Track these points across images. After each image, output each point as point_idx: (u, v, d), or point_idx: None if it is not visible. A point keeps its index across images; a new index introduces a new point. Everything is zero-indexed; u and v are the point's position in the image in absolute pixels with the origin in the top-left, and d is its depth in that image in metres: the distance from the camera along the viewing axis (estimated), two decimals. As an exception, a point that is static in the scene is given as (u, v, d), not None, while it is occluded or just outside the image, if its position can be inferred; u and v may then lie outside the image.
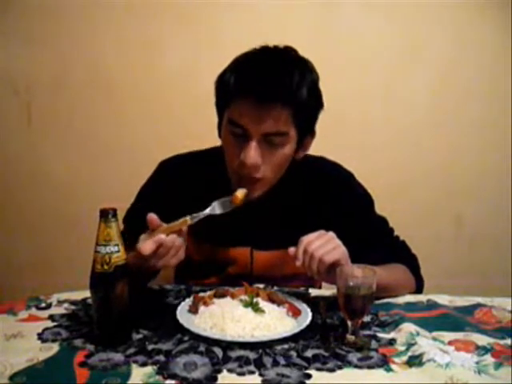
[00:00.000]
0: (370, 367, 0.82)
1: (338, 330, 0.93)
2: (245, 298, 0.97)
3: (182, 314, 0.95)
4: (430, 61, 1.85)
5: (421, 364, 0.82)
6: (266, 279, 1.14)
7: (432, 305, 1.07)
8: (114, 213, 0.85)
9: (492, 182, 1.91)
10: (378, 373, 0.80)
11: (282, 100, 0.99)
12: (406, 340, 0.90)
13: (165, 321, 0.95)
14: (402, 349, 0.87)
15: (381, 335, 0.93)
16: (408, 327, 0.94)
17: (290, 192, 1.15)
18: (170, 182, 1.20)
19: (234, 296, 1.00)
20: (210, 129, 1.13)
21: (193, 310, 0.97)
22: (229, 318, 0.91)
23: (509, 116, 1.86)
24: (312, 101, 1.04)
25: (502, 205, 1.91)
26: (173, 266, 0.98)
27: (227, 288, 1.05)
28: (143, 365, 0.81)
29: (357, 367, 0.82)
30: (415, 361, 0.83)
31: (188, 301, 1.01)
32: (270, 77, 0.98)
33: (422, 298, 1.11)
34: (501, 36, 1.81)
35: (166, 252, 0.93)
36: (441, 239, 1.93)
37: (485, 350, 0.88)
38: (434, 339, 0.91)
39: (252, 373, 0.79)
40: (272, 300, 0.99)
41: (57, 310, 1.02)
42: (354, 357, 0.84)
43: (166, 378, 0.77)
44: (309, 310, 0.98)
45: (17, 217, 2.01)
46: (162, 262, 0.95)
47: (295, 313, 0.97)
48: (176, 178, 1.20)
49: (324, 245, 0.95)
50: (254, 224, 1.16)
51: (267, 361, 0.82)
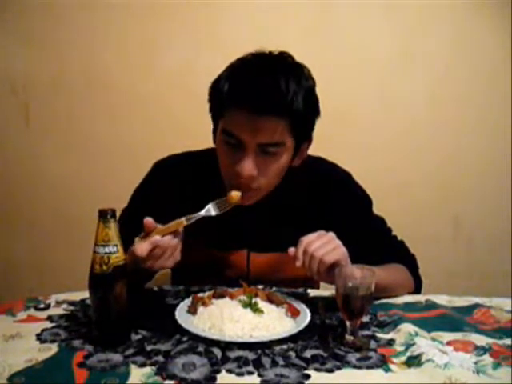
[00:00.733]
0: (369, 367, 0.82)
1: (337, 331, 0.93)
2: (243, 298, 0.97)
3: (181, 314, 0.95)
4: (429, 61, 1.85)
5: (419, 364, 0.82)
6: (263, 283, 1.13)
7: (431, 305, 1.07)
8: (113, 213, 0.85)
9: (490, 182, 1.92)
10: (377, 373, 0.81)
11: (277, 111, 0.97)
12: (404, 340, 0.90)
13: (164, 321, 0.95)
14: (401, 349, 0.88)
15: (380, 335, 0.93)
16: (407, 327, 0.94)
17: (287, 193, 1.15)
18: (164, 182, 1.19)
19: (232, 296, 1.00)
20: (210, 129, 1.13)
21: (192, 310, 0.97)
22: (228, 318, 0.91)
23: (508, 117, 1.86)
24: (308, 109, 1.02)
25: (500, 205, 1.92)
26: (169, 267, 0.97)
27: (226, 288, 1.05)
28: (142, 365, 0.81)
29: (356, 367, 0.82)
30: (414, 361, 0.83)
31: (187, 301, 1.01)
32: (265, 88, 0.96)
33: (421, 298, 1.12)
34: (500, 36, 1.81)
35: (161, 253, 0.93)
36: (439, 240, 1.93)
37: (483, 350, 0.88)
38: (433, 339, 0.91)
39: (251, 373, 0.79)
40: (271, 300, 0.99)
41: (55, 311, 1.01)
42: (352, 357, 0.85)
43: (164, 379, 0.77)
44: (308, 310, 0.98)
45: (15, 217, 2.01)
46: (159, 264, 0.94)
47: (294, 313, 0.96)
48: (170, 178, 1.19)
49: (324, 245, 0.95)
50: (250, 226, 1.15)
51: (266, 361, 0.83)
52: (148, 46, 1.85)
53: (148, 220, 0.94)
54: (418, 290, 1.19)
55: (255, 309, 0.93)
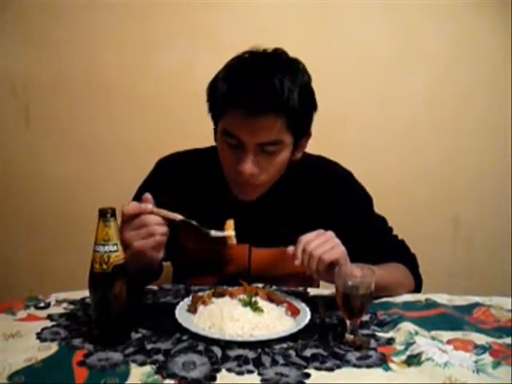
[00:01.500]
0: (369, 366, 0.82)
1: (337, 330, 0.93)
2: (243, 297, 0.97)
3: (181, 313, 0.95)
4: (429, 61, 1.85)
5: (419, 363, 0.82)
6: (263, 278, 1.14)
7: (431, 304, 1.07)
8: (113, 212, 0.85)
9: (490, 182, 1.92)
10: (377, 372, 0.81)
11: (274, 110, 0.98)
12: (404, 339, 0.90)
13: (164, 320, 0.95)
14: (401, 348, 0.88)
15: (379, 334, 0.93)
16: (407, 326, 0.94)
17: (288, 190, 1.15)
18: (168, 180, 1.20)
19: (232, 295, 1.00)
20: (209, 129, 1.13)
21: (192, 309, 0.97)
22: (228, 317, 0.91)
23: (508, 117, 1.87)
24: (305, 105, 1.03)
25: (499, 205, 1.92)
26: (149, 253, 0.93)
27: (226, 287, 1.05)
28: (142, 364, 0.81)
29: (355, 366, 0.82)
30: (414, 360, 0.83)
31: (187, 300, 1.01)
32: (260, 88, 0.97)
33: (421, 297, 1.12)
34: (500, 36, 1.81)
35: (145, 232, 0.92)
36: (439, 240, 1.93)
37: (483, 349, 0.88)
38: (433, 338, 0.91)
39: (251, 372, 0.79)
40: (271, 299, 0.99)
41: (55, 310, 1.01)
42: (352, 356, 0.85)
43: (164, 378, 0.77)
44: (308, 309, 0.98)
45: (15, 217, 2.01)
46: (140, 244, 0.91)
47: (294, 312, 0.97)
48: (173, 176, 1.20)
49: (323, 244, 0.96)
50: (252, 222, 1.15)
51: (266, 360, 0.83)
52: (147, 46, 1.85)
53: (147, 195, 0.95)
54: (418, 289, 1.19)
55: (255, 308, 0.93)
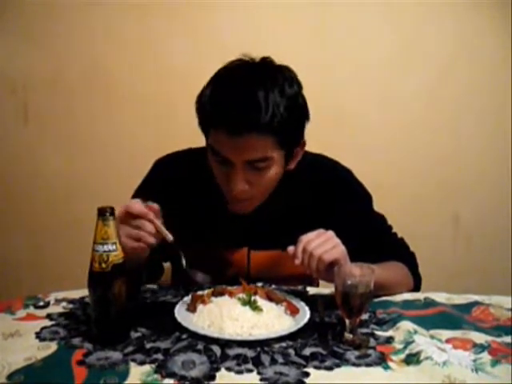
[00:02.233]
0: (368, 365, 0.82)
1: (336, 329, 0.93)
2: (243, 296, 0.97)
3: (180, 312, 0.95)
4: (428, 60, 1.85)
5: (418, 362, 0.82)
6: (263, 280, 1.14)
7: (430, 303, 1.07)
8: (112, 211, 0.85)
9: (490, 181, 1.92)
10: (376, 371, 0.81)
11: (257, 129, 0.96)
12: (403, 338, 0.90)
13: (163, 319, 0.95)
14: (400, 347, 0.88)
15: (379, 333, 0.93)
16: (406, 325, 0.94)
17: (288, 191, 1.15)
18: (165, 180, 1.19)
19: (232, 294, 1.00)
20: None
21: (191, 308, 0.97)
22: (227, 316, 0.91)
23: (507, 117, 1.87)
24: (293, 118, 1.00)
25: (499, 204, 1.92)
26: (131, 247, 0.93)
27: (225, 286, 1.05)
28: (141, 363, 0.81)
29: (355, 365, 0.82)
30: (413, 359, 0.83)
31: (186, 299, 1.01)
32: (243, 107, 0.95)
33: (420, 296, 1.11)
34: (500, 36, 1.81)
35: (137, 227, 0.93)
36: (438, 238, 1.94)
37: (482, 347, 0.88)
38: (432, 337, 0.91)
39: (250, 371, 0.79)
40: (270, 298, 0.99)
41: (55, 309, 1.01)
42: (351, 355, 0.85)
43: (164, 377, 0.77)
44: (307, 308, 0.98)
45: (14, 216, 2.01)
46: (125, 239, 0.92)
47: (293, 311, 0.97)
48: (171, 176, 1.19)
49: (323, 243, 0.96)
50: (251, 224, 1.15)
51: (265, 359, 0.83)
52: (148, 46, 1.85)
53: (155, 206, 0.96)
54: (417, 287, 1.19)
55: (254, 307, 0.93)
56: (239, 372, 0.79)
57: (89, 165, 1.95)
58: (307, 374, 0.79)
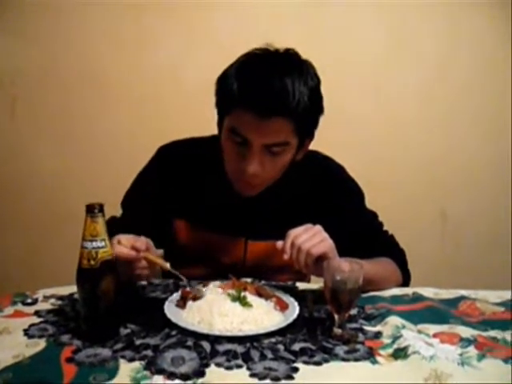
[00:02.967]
0: (357, 360, 0.83)
1: (325, 324, 0.94)
2: (232, 292, 0.97)
3: (170, 308, 0.95)
4: (422, 59, 1.86)
5: (406, 357, 0.83)
6: (258, 269, 1.15)
7: (417, 298, 1.08)
8: (101, 208, 0.85)
9: (478, 179, 1.94)
10: (364, 365, 0.81)
11: (284, 114, 0.99)
12: (391, 333, 0.91)
13: (152, 316, 0.95)
14: (388, 341, 0.89)
15: (367, 328, 0.94)
16: (394, 320, 0.95)
17: (284, 184, 1.15)
18: (169, 167, 1.20)
19: (221, 289, 1.00)
20: (201, 124, 1.13)
21: (180, 304, 0.97)
22: (216, 312, 0.91)
23: (499, 115, 1.88)
24: (313, 109, 1.04)
25: (487, 202, 1.94)
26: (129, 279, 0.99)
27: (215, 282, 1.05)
28: (131, 360, 0.81)
29: (343, 360, 0.82)
30: (400, 353, 0.84)
31: (176, 295, 1.01)
32: (273, 90, 0.97)
33: (408, 290, 1.13)
34: (496, 29, 1.82)
35: (131, 268, 0.96)
36: (427, 235, 1.95)
37: (468, 341, 0.89)
38: (419, 332, 0.92)
39: (240, 367, 0.80)
40: (259, 294, 0.99)
41: (43, 306, 1.01)
42: (340, 350, 0.85)
43: (153, 373, 0.77)
44: (296, 303, 0.98)
45: (6, 213, 1.99)
46: (124, 274, 0.95)
47: (283, 307, 0.97)
48: (174, 163, 1.20)
49: (311, 238, 0.97)
50: (249, 215, 1.17)
51: (255, 355, 0.83)
52: (140, 41, 1.84)
53: (143, 241, 0.97)
54: (406, 284, 1.20)
55: (244, 303, 0.94)
56: (229, 368, 0.79)
57: (80, 160, 1.94)
58: (296, 370, 0.79)
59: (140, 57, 1.85)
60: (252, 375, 0.77)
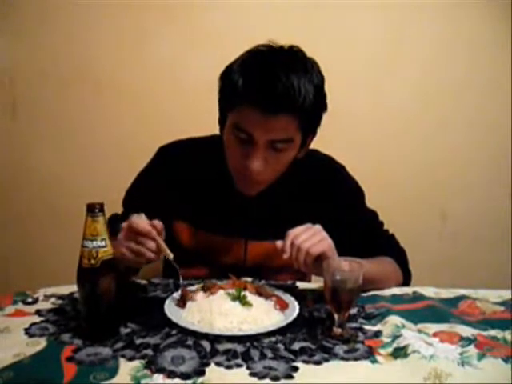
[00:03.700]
0: (356, 359, 0.83)
1: (325, 323, 0.94)
2: (232, 291, 0.97)
3: (170, 307, 0.96)
4: (421, 59, 1.85)
5: (405, 356, 0.83)
6: (258, 270, 1.15)
7: (418, 297, 1.08)
8: (101, 207, 0.85)
9: (477, 178, 1.94)
10: (364, 364, 0.82)
11: (289, 111, 0.99)
12: (391, 332, 0.91)
13: (153, 315, 0.95)
14: (388, 341, 0.89)
15: (367, 327, 0.94)
16: (394, 320, 0.95)
17: (284, 184, 1.15)
18: (169, 167, 1.20)
19: (222, 289, 1.00)
20: (202, 123, 1.13)
21: (181, 303, 0.97)
22: (216, 311, 0.91)
23: (497, 114, 1.88)
24: (318, 106, 1.03)
25: (486, 200, 1.94)
26: (134, 260, 0.97)
27: (215, 281, 1.05)
28: (131, 359, 0.81)
29: (343, 359, 0.83)
30: (400, 352, 0.84)
31: (176, 295, 1.01)
32: (279, 87, 0.97)
33: (408, 290, 1.13)
34: (495, 28, 1.81)
35: (140, 244, 0.95)
36: (426, 234, 1.95)
37: (468, 341, 0.89)
38: (419, 331, 0.92)
39: (239, 366, 0.80)
40: (260, 293, 1.00)
41: (44, 305, 1.01)
42: (340, 349, 0.85)
43: (153, 372, 0.77)
44: (296, 303, 0.99)
45: (3, 210, 1.99)
46: (127, 251, 0.95)
47: (283, 306, 0.97)
48: (175, 163, 1.20)
49: (311, 237, 0.97)
50: (249, 215, 1.17)
51: (255, 354, 0.83)
52: (139, 40, 1.83)
53: (160, 225, 0.96)
54: (406, 283, 1.20)
55: (244, 302, 0.94)
56: (229, 367, 0.79)
57: (80, 157, 1.94)
58: (296, 369, 0.79)
59: (140, 56, 1.84)
60: (252, 374, 0.78)
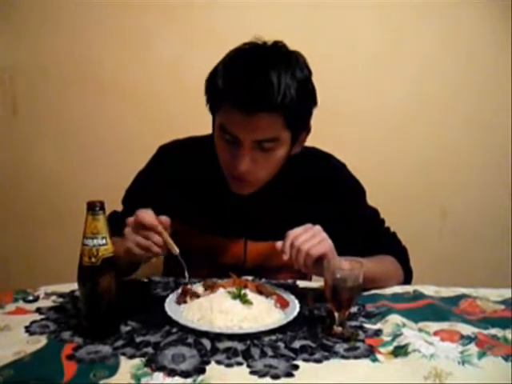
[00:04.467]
0: (357, 357, 0.83)
1: (326, 322, 0.94)
2: (233, 289, 0.97)
3: (171, 305, 0.96)
4: (420, 57, 1.85)
5: (406, 354, 0.83)
6: (258, 270, 1.15)
7: (418, 295, 1.08)
8: (102, 206, 0.85)
9: (477, 175, 1.94)
10: (364, 363, 0.81)
11: (269, 109, 0.97)
12: (392, 331, 0.91)
13: (153, 313, 0.96)
14: (388, 339, 0.89)
15: (367, 326, 0.94)
16: (394, 318, 0.95)
17: (283, 183, 1.15)
18: (169, 166, 1.20)
19: (222, 287, 1.00)
20: (202, 122, 1.12)
21: (181, 301, 0.97)
22: (217, 309, 0.91)
23: (496, 111, 1.88)
24: (303, 100, 1.01)
25: (485, 198, 1.94)
26: (139, 254, 0.97)
27: (215, 280, 1.05)
28: (131, 357, 0.81)
29: (343, 358, 0.82)
30: (400, 351, 0.84)
31: (176, 293, 1.01)
32: (257, 85, 0.95)
33: (409, 288, 1.13)
34: (494, 28, 1.81)
35: (146, 237, 0.95)
36: (426, 231, 1.95)
37: (469, 339, 0.89)
38: (420, 330, 0.92)
39: (240, 364, 0.80)
40: (260, 292, 0.99)
41: (44, 303, 1.01)
42: (340, 348, 0.85)
43: (154, 370, 0.77)
44: (297, 301, 0.99)
45: (3, 208, 1.99)
46: (133, 246, 0.95)
47: (283, 304, 0.97)
48: (175, 163, 1.20)
49: (310, 238, 0.96)
50: (248, 215, 1.16)
51: (255, 352, 0.83)
52: (140, 39, 1.83)
53: (166, 220, 0.97)
54: (407, 281, 1.19)
55: (244, 300, 0.94)
56: (229, 365, 0.79)
57: (80, 155, 1.94)
58: (296, 367, 0.79)
59: (142, 56, 1.84)
60: (252, 373, 0.78)
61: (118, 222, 0.98)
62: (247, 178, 1.05)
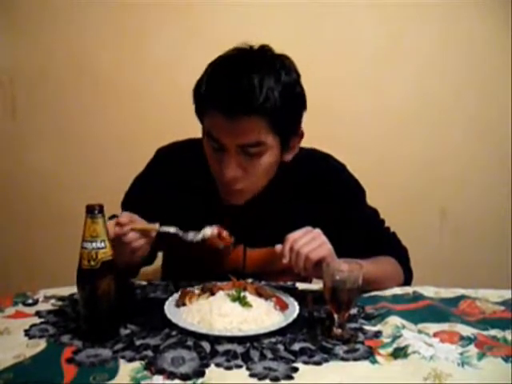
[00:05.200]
0: (356, 359, 0.83)
1: (325, 324, 0.94)
2: (232, 292, 0.97)
3: (170, 308, 0.96)
4: (420, 56, 1.85)
5: (405, 356, 0.83)
6: (257, 276, 1.14)
7: (418, 297, 1.08)
8: (101, 209, 0.85)
9: (478, 176, 1.94)
10: (364, 365, 0.82)
11: (252, 112, 0.96)
12: (391, 332, 0.91)
13: (153, 316, 0.95)
14: (388, 341, 0.89)
15: (367, 328, 0.94)
16: (394, 320, 0.95)
17: (281, 187, 1.13)
18: (167, 170, 1.19)
19: (221, 290, 1.00)
20: (198, 122, 1.12)
21: (180, 304, 0.97)
22: (216, 312, 0.91)
23: (496, 112, 1.88)
24: (288, 105, 0.99)
25: (486, 198, 1.94)
26: (131, 258, 0.98)
27: (215, 283, 1.05)
28: (131, 360, 0.81)
29: (343, 360, 0.82)
30: (400, 353, 0.84)
31: (176, 295, 1.01)
32: (238, 89, 0.95)
33: (409, 289, 1.13)
34: (495, 27, 1.81)
35: (124, 244, 0.95)
36: (426, 231, 1.95)
37: (468, 340, 0.89)
38: (420, 331, 0.92)
39: (239, 367, 0.80)
40: (259, 294, 0.99)
41: (44, 306, 1.01)
42: (340, 350, 0.85)
43: (153, 373, 0.77)
44: (296, 303, 0.98)
45: (5, 211, 1.99)
46: (123, 257, 0.95)
47: (282, 307, 0.97)
48: (172, 167, 1.19)
49: (310, 242, 0.96)
50: (246, 222, 1.14)
51: (254, 354, 0.83)
52: (138, 39, 1.84)
53: (126, 214, 0.96)
54: (407, 282, 1.19)
55: (244, 303, 0.94)
56: (228, 368, 0.79)
57: (79, 157, 1.94)
58: (296, 369, 0.79)
59: (139, 56, 1.85)
60: (252, 375, 0.78)
61: None
62: (236, 187, 1.04)
